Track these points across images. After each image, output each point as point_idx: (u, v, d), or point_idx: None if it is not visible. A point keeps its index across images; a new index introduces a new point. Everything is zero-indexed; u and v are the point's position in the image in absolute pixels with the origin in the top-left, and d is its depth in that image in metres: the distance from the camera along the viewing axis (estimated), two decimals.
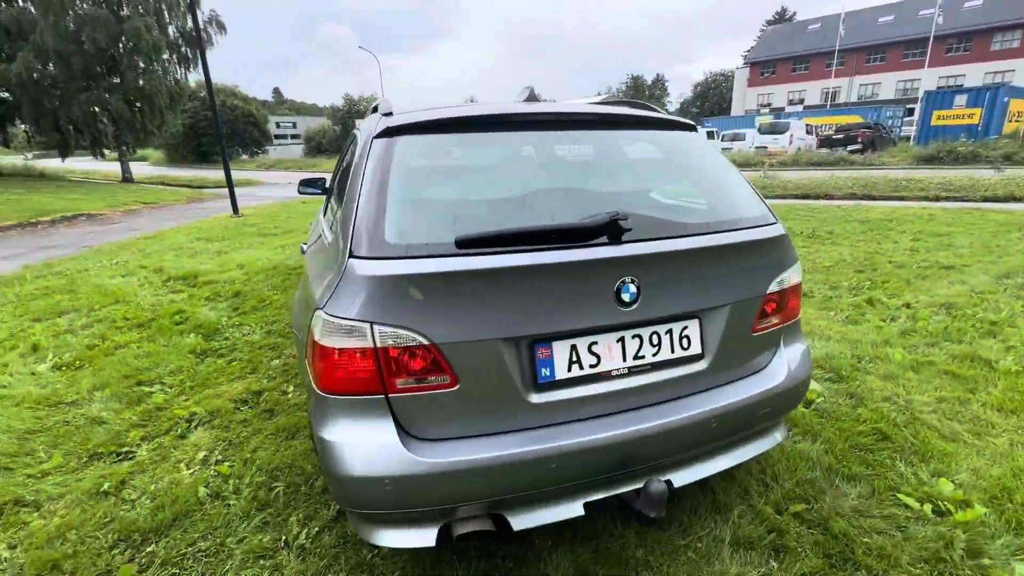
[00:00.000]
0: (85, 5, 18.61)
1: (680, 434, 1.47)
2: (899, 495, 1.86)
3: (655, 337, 1.47)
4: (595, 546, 1.68)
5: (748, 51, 51.58)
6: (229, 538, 1.77)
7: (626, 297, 1.37)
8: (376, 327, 1.24)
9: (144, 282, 5.22)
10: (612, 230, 1.37)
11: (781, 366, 1.69)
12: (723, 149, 23.81)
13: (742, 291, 1.57)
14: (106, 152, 23.09)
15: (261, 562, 1.67)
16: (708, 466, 1.62)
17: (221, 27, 22.15)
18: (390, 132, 1.54)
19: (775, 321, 1.68)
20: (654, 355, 1.47)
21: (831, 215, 7.82)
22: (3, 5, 18.53)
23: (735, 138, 24.81)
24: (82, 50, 18.36)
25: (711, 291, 1.52)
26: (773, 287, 1.63)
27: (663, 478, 1.52)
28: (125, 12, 19.38)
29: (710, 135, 26.54)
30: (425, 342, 1.26)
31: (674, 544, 1.68)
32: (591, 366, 1.41)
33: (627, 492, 1.48)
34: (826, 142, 22.53)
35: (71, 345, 3.55)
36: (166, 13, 20.42)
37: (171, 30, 20.84)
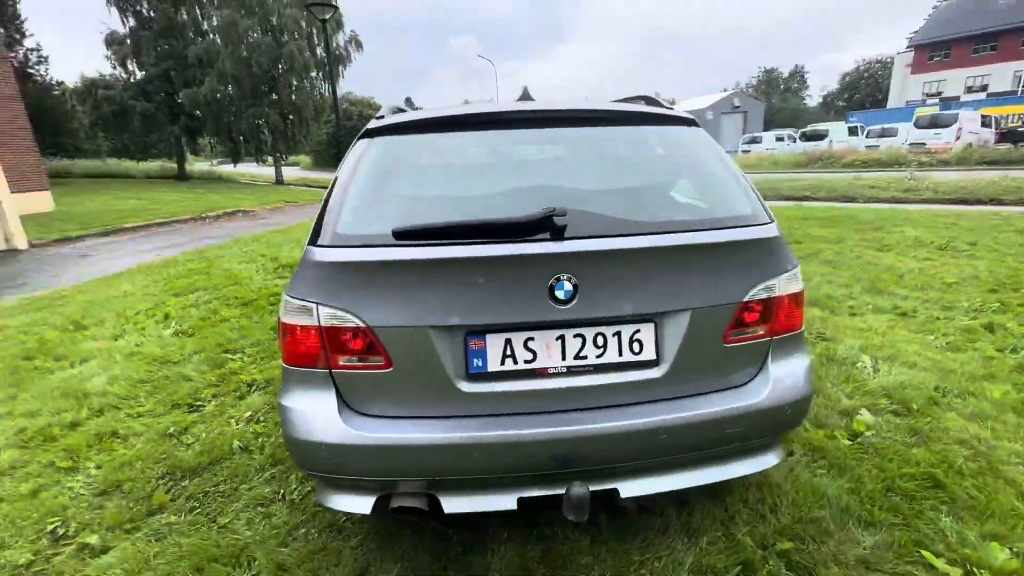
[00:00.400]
0: (255, 34, 22.12)
1: (624, 442, 1.41)
2: (924, 552, 1.55)
3: (600, 338, 1.42)
4: (547, 547, 1.66)
5: (914, 33, 44.28)
6: (243, 485, 2.07)
7: (560, 294, 1.36)
8: (321, 308, 1.39)
9: (260, 268, 6.11)
10: (549, 226, 1.36)
11: (764, 383, 1.51)
12: (867, 147, 20.71)
13: (708, 296, 1.44)
14: (268, 158, 27.24)
15: (259, 508, 1.93)
16: (667, 481, 1.51)
17: (359, 45, 24.94)
18: (370, 133, 1.69)
19: (759, 332, 1.52)
20: (598, 357, 1.43)
21: (982, 223, 6.47)
22: (199, 40, 22.80)
23: (883, 134, 21.30)
24: (251, 73, 21.89)
25: (668, 294, 1.43)
26: (757, 294, 1.48)
27: (609, 486, 1.47)
28: (284, 38, 22.68)
29: (852, 131, 23.33)
30: (361, 324, 1.37)
31: (629, 559, 1.60)
32: (526, 362, 1.41)
33: (564, 494, 1.45)
34: (1008, 136, 18.56)
35: (191, 316, 4.32)
36: (315, 36, 23.47)
37: (319, 51, 23.88)
